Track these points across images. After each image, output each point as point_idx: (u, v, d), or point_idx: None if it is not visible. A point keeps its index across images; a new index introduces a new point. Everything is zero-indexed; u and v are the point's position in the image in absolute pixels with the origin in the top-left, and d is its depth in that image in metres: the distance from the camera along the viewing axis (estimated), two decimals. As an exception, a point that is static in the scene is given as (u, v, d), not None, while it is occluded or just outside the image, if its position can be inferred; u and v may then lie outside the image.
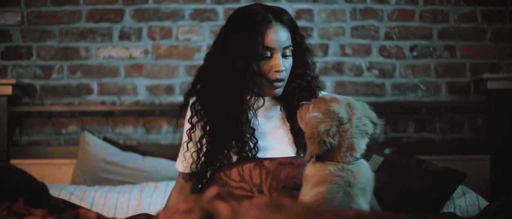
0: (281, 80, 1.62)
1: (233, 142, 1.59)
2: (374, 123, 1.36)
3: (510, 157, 2.77)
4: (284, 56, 1.61)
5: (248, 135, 1.58)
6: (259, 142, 1.60)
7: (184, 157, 1.73)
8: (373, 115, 1.38)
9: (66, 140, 2.97)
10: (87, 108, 2.94)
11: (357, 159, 1.33)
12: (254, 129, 1.60)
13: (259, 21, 1.57)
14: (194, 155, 1.69)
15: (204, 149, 1.65)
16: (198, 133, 1.68)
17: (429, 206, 2.01)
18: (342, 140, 1.30)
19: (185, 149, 1.72)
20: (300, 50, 1.67)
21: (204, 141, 1.65)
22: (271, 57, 1.59)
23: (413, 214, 1.50)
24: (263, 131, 1.64)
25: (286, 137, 1.63)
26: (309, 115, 1.36)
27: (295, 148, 1.61)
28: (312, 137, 1.30)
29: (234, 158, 1.61)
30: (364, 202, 1.31)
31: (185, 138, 1.73)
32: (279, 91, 1.64)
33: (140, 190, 2.44)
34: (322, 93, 1.67)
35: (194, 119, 1.67)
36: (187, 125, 1.72)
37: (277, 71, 1.58)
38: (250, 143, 1.58)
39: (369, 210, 1.36)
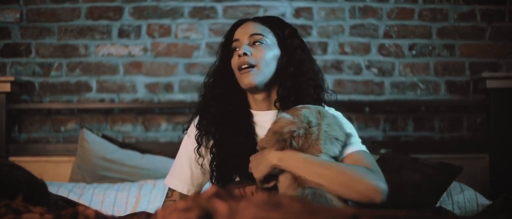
0: (248, 65, 1.56)
1: (239, 159, 1.53)
2: (345, 134, 1.43)
3: (509, 155, 2.77)
4: (253, 44, 1.59)
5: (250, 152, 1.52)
6: None
7: (181, 176, 1.66)
8: (345, 126, 1.45)
9: (65, 137, 2.97)
10: (86, 105, 2.93)
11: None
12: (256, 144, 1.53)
13: (234, 24, 1.68)
14: (199, 171, 1.64)
15: (215, 163, 1.59)
16: (204, 151, 1.62)
17: (426, 196, 2.01)
18: (306, 142, 1.35)
19: (190, 166, 1.65)
20: (291, 48, 1.61)
21: (213, 161, 1.59)
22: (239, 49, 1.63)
23: (412, 211, 1.50)
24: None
25: None
26: (280, 114, 1.42)
27: None
28: (276, 133, 1.35)
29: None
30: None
31: (191, 156, 1.65)
32: (249, 79, 1.56)
33: (138, 187, 2.44)
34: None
35: (201, 137, 1.62)
36: (191, 143, 1.65)
37: (239, 55, 1.57)
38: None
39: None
